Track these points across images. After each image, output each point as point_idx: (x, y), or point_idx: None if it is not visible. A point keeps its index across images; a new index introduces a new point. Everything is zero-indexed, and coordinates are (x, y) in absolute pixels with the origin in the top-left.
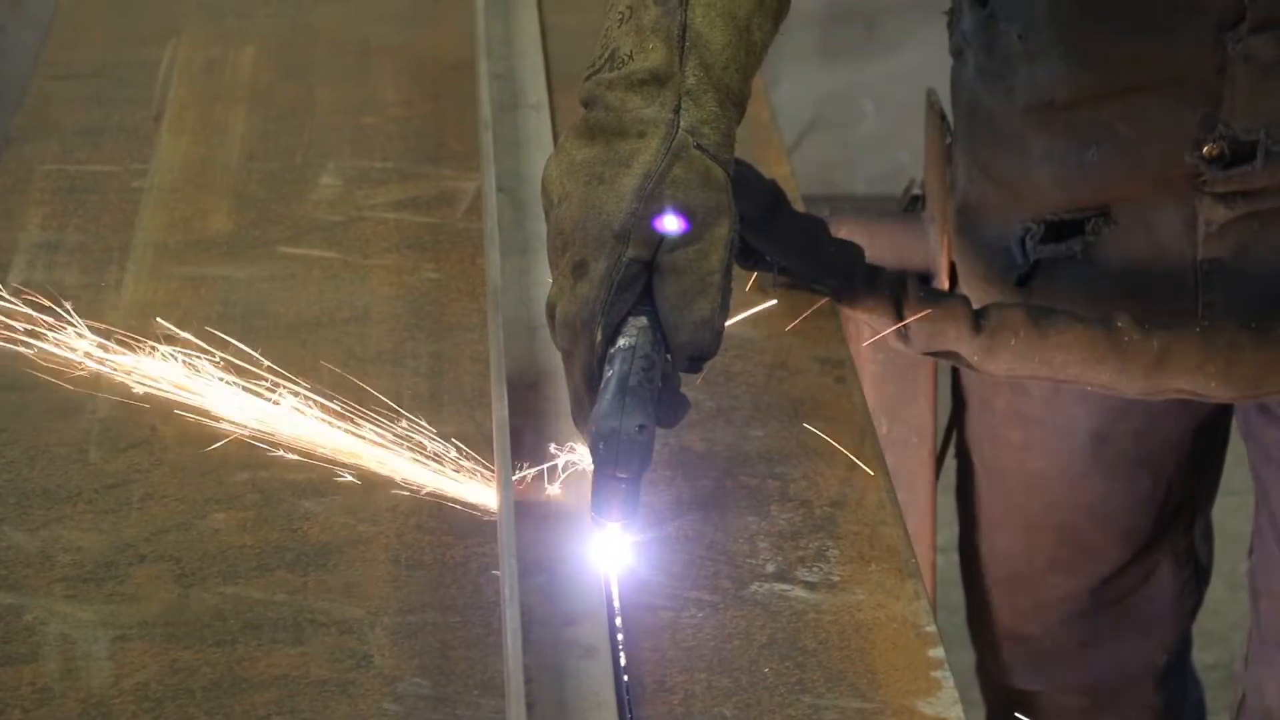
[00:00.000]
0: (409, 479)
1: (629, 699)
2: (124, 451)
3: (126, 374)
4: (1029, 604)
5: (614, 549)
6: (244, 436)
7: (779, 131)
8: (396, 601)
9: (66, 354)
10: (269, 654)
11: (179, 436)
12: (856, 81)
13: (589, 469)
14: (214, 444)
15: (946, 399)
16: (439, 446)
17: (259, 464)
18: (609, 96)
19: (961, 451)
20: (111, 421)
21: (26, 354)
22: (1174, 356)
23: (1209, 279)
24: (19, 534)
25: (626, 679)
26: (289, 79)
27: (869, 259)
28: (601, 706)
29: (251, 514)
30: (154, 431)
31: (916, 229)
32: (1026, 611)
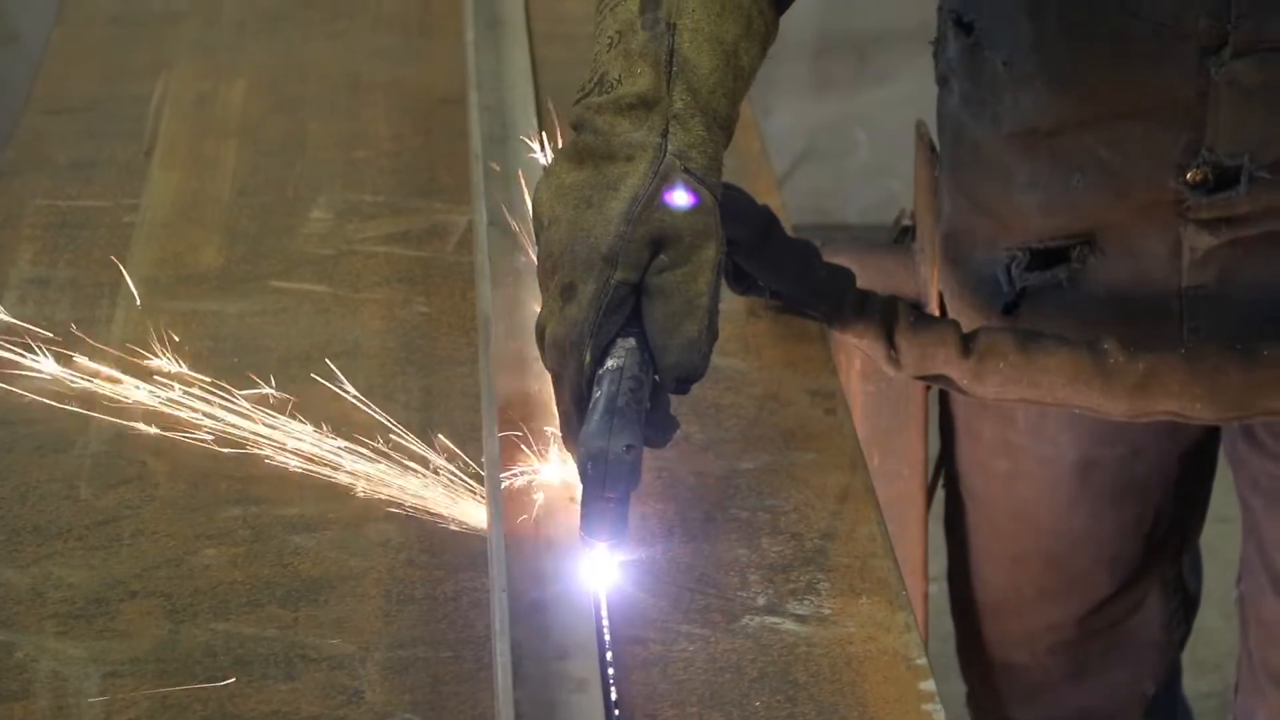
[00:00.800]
0: (401, 493)
1: None
2: (115, 487)
3: (117, 408)
4: (1017, 633)
5: (604, 570)
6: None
7: (770, 163)
8: (387, 637)
9: (57, 389)
10: (260, 690)
11: (170, 472)
12: (849, 112)
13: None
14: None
15: (937, 430)
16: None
17: (250, 499)
18: (598, 120)
19: (950, 481)
20: (102, 457)
21: (17, 390)
22: (1159, 378)
23: (1193, 306)
24: (9, 570)
25: (618, 713)
26: (280, 113)
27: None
28: None
29: (242, 549)
30: (145, 467)
31: (907, 260)
32: (1015, 641)
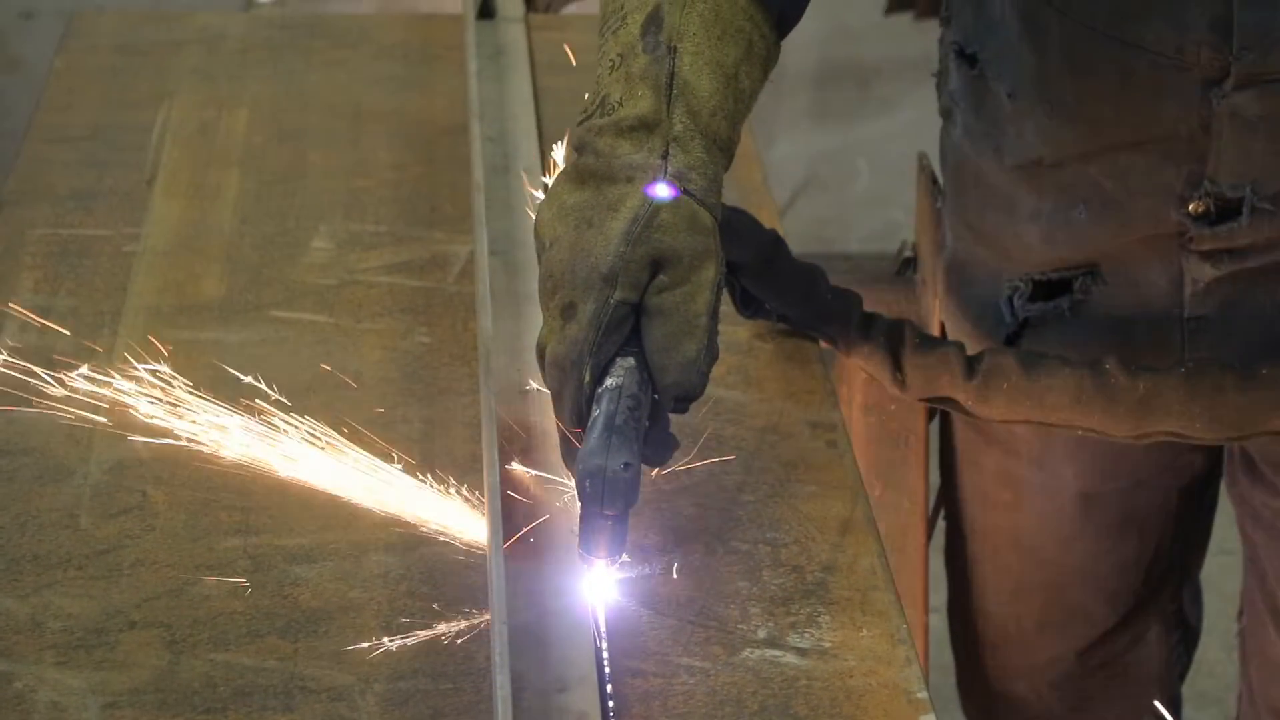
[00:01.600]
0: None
1: None
2: (115, 517)
3: (118, 438)
4: (1018, 666)
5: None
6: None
7: (771, 193)
8: (387, 668)
9: (57, 418)
10: None
11: (170, 502)
12: (850, 141)
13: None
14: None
15: (937, 462)
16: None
17: (250, 530)
18: (599, 142)
19: (951, 512)
20: (103, 487)
21: (17, 419)
22: (1160, 399)
23: (1195, 336)
24: (9, 600)
25: None
26: (282, 142)
27: None
28: None
29: (242, 580)
30: (145, 497)
31: (909, 292)
32: (1016, 674)
